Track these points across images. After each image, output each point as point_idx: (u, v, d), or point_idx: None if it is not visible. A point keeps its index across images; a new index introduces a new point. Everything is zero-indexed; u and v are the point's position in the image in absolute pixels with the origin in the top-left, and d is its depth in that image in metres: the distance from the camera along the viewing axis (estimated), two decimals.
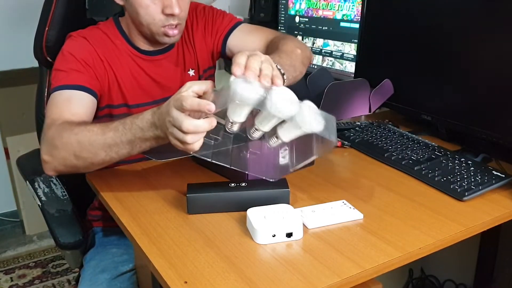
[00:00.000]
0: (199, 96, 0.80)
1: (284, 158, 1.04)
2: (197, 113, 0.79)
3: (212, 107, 0.76)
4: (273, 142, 0.85)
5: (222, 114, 0.82)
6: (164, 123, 0.82)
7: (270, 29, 1.26)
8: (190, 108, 0.77)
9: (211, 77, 1.32)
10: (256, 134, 0.85)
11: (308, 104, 0.82)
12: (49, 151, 0.95)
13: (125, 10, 1.14)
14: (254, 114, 0.83)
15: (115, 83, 1.13)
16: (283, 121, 0.82)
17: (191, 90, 0.80)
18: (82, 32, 1.13)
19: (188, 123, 0.77)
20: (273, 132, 0.84)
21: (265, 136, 0.87)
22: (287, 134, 0.83)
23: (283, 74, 0.94)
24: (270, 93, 0.78)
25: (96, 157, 0.91)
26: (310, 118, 0.79)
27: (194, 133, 0.78)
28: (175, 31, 1.11)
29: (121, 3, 1.11)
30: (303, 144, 0.89)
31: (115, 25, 1.17)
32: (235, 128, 0.83)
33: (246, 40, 1.24)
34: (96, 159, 0.92)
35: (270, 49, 1.14)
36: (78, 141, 0.90)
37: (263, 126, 0.83)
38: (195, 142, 0.79)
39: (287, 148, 1.03)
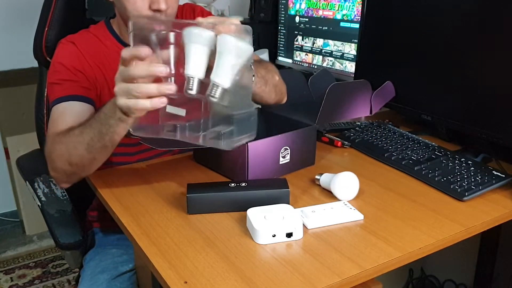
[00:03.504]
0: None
1: (284, 158, 1.04)
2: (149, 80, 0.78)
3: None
4: (214, 92, 0.79)
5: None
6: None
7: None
8: (130, 55, 0.77)
9: None
10: (218, 92, 0.79)
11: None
12: (52, 167, 0.99)
13: (114, 6, 1.13)
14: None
15: (106, 86, 1.13)
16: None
17: None
18: (70, 37, 1.14)
19: (127, 48, 0.78)
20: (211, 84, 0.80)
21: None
22: (221, 75, 0.78)
23: (253, 75, 0.95)
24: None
25: (82, 159, 0.93)
26: (227, 40, 0.77)
27: (129, 56, 0.77)
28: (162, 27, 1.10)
29: None
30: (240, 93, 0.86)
31: (106, 26, 1.18)
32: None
33: None
34: (83, 161, 0.94)
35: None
36: (66, 149, 0.94)
37: (220, 77, 0.78)
38: (143, 91, 0.76)
39: (287, 148, 1.04)
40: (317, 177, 1.00)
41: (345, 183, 0.95)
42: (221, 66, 0.79)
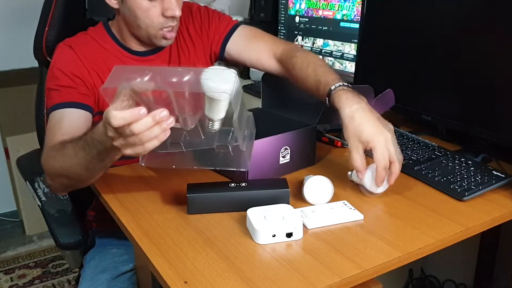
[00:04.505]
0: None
1: (284, 158, 1.04)
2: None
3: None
4: (212, 125, 0.83)
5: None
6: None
7: (269, 34, 1.24)
8: (125, 122, 0.72)
9: None
10: (215, 125, 0.83)
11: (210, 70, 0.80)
12: (48, 177, 0.99)
13: (117, 13, 1.13)
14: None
15: None
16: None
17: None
18: (68, 40, 1.13)
19: (115, 114, 0.71)
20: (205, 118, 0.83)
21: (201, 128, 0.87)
22: (214, 112, 0.81)
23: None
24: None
25: (81, 176, 0.92)
26: (214, 83, 0.77)
27: (123, 124, 0.72)
28: (173, 34, 1.11)
29: (116, 6, 1.09)
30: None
31: (104, 29, 1.16)
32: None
33: (248, 47, 1.22)
34: (83, 177, 0.93)
35: (290, 65, 1.12)
36: (61, 167, 0.92)
37: (214, 113, 0.81)
38: (151, 136, 0.74)
39: (287, 148, 1.04)
40: (305, 177, 0.99)
41: (314, 187, 0.92)
42: (212, 106, 0.80)
